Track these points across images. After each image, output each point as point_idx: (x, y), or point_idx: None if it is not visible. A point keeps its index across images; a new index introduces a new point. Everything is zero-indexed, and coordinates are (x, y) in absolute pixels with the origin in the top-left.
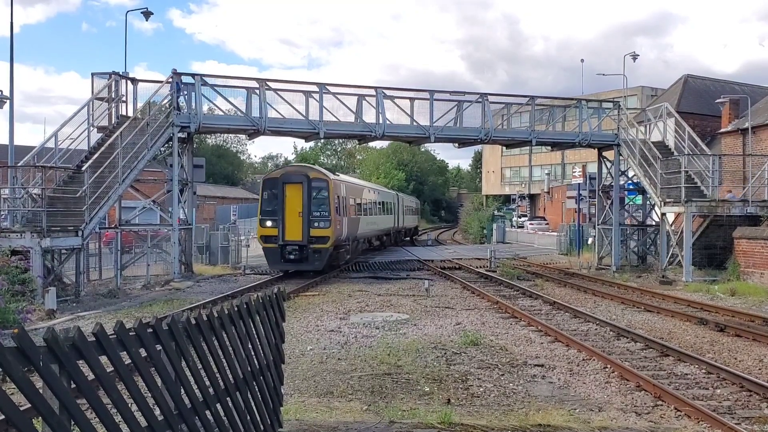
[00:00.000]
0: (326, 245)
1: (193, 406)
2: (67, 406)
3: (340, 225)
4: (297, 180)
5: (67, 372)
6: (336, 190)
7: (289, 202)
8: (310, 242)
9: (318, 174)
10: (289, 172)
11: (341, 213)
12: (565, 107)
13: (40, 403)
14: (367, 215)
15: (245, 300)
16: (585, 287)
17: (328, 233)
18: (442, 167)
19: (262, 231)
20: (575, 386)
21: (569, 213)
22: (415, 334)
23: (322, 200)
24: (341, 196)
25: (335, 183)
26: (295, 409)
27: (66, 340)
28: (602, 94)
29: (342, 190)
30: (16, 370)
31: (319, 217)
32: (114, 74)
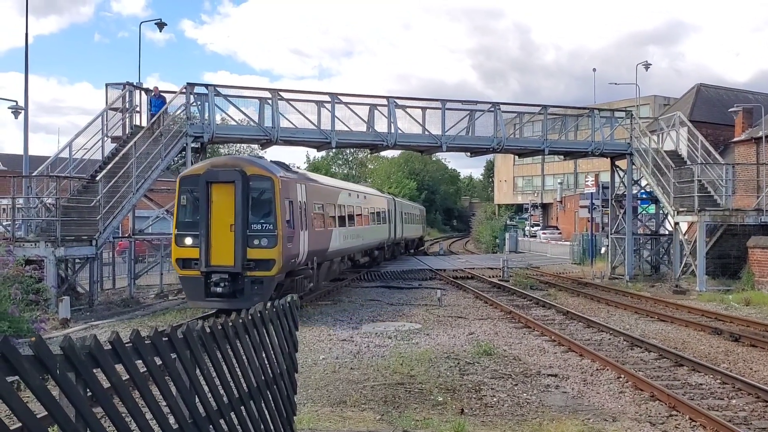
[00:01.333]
0: (270, 272)
1: (207, 414)
2: (83, 414)
3: (296, 242)
4: (227, 178)
5: (83, 380)
6: (288, 192)
7: (217, 210)
8: (245, 268)
9: (258, 169)
10: (216, 166)
11: (298, 224)
12: (577, 116)
13: (56, 411)
14: (345, 226)
15: (259, 309)
16: (598, 297)
17: (274, 255)
18: (453, 176)
19: (178, 252)
20: (589, 396)
21: (582, 222)
22: (427, 344)
23: (265, 207)
24: (299, 201)
25: (286, 183)
26: (308, 419)
27: (82, 349)
28: (614, 104)
29: (299, 192)
30: (33, 377)
31: (260, 232)
32: (128, 84)
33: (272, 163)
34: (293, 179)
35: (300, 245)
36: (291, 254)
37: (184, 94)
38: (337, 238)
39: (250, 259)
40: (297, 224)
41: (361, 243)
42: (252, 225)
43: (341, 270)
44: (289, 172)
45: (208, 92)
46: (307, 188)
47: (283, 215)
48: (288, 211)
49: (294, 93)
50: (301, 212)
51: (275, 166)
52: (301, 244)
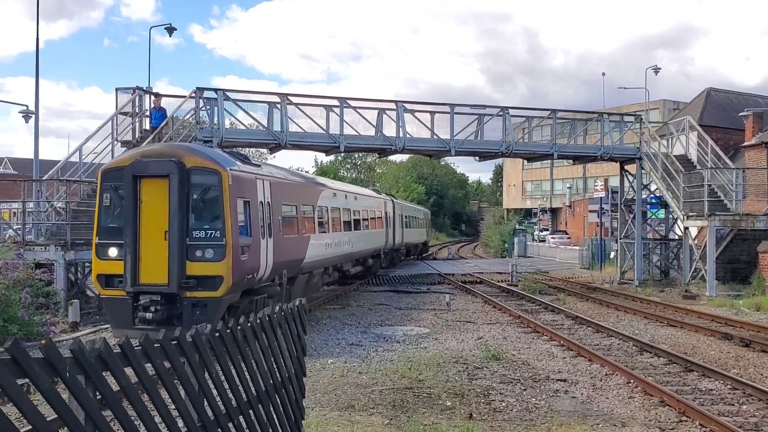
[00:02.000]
0: (216, 292)
1: (216, 418)
2: (92, 417)
3: (255, 253)
4: (160, 171)
5: (93, 383)
6: (242, 189)
7: (147, 212)
8: (184, 287)
9: (201, 160)
10: (147, 155)
11: (258, 231)
12: (586, 121)
13: (66, 414)
14: (328, 232)
15: (267, 313)
16: (607, 302)
17: (221, 270)
18: (462, 181)
19: (99, 266)
20: (598, 401)
21: (591, 227)
22: (436, 348)
23: (211, 208)
24: (259, 202)
25: (240, 178)
26: (316, 423)
27: (92, 352)
28: (624, 108)
29: (261, 190)
30: (43, 380)
31: (203, 241)
32: (137, 89)
33: (223, 153)
34: (251, 174)
35: (261, 257)
36: (247, 268)
37: (193, 99)
38: (316, 246)
39: (191, 276)
40: (256, 230)
41: (351, 251)
42: (193, 232)
43: (326, 283)
44: (247, 165)
45: (218, 97)
46: (272, 186)
47: (235, 219)
48: (243, 213)
49: (303, 97)
50: (264, 215)
51: (226, 156)
52: (263, 255)
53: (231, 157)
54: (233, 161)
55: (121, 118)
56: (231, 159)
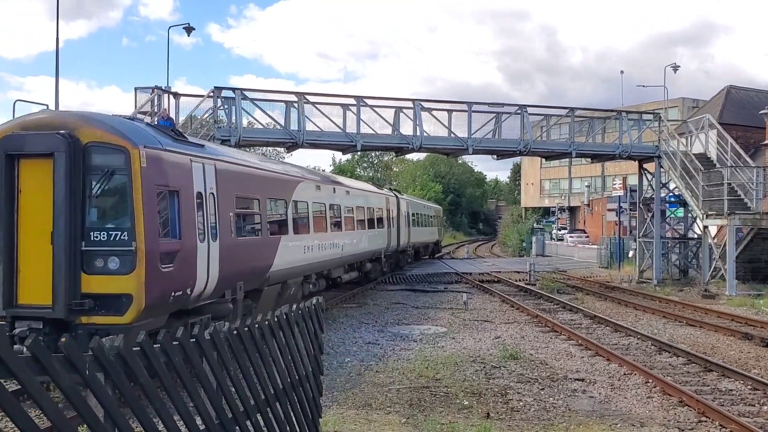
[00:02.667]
0: (123, 318)
1: (234, 416)
2: (111, 414)
3: (187, 261)
4: (43, 147)
5: (112, 381)
6: (165, 175)
7: (27, 205)
8: (76, 311)
9: (102, 133)
10: (28, 127)
11: (193, 231)
12: (604, 119)
13: (85, 411)
14: (307, 233)
15: (285, 311)
16: (626, 301)
17: (130, 286)
18: (480, 179)
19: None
20: (616, 401)
21: (609, 226)
22: (453, 348)
23: (116, 200)
24: (196, 192)
25: (160, 159)
26: (333, 421)
27: (111, 350)
28: (642, 106)
29: (199, 178)
30: (63, 378)
31: (106, 246)
32: (156, 88)
33: (141, 125)
34: (182, 155)
35: (199, 266)
36: (172, 283)
37: (211, 98)
38: (291, 250)
39: (87, 295)
40: (190, 231)
41: (341, 255)
42: (91, 233)
43: (308, 293)
44: (180, 143)
45: (235, 96)
46: (220, 173)
47: (151, 216)
48: (168, 208)
49: (320, 96)
50: (205, 212)
51: (142, 129)
52: (203, 264)
53: (154, 131)
54: (154, 137)
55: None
56: (151, 133)
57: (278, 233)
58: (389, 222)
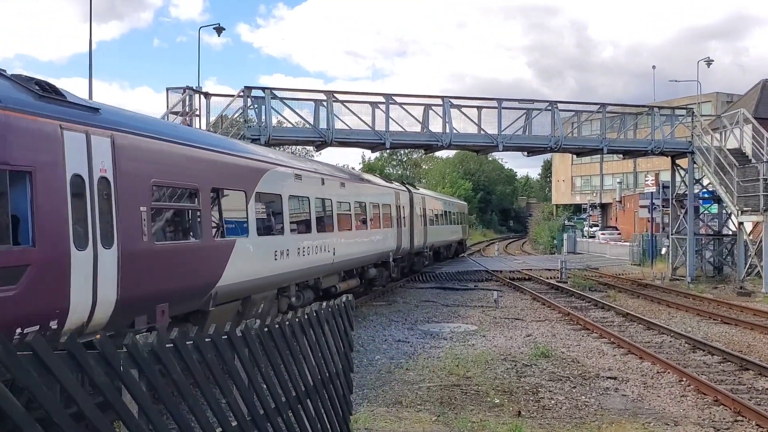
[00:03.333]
0: None
1: (265, 412)
2: (145, 410)
3: (49, 279)
4: None
5: (146, 377)
6: (10, 147)
7: None
8: None
9: None
10: None
11: (61, 235)
12: (636, 114)
13: (120, 407)
14: (280, 233)
15: (315, 309)
16: (659, 298)
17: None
18: (510, 176)
19: None
20: (649, 399)
21: (642, 222)
22: (484, 346)
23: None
24: (68, 178)
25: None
26: (364, 418)
27: (145, 346)
28: (675, 101)
29: (75, 155)
30: (98, 374)
31: None
32: (188, 89)
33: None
34: (45, 119)
35: (77, 286)
36: (20, 313)
37: (241, 98)
38: (252, 257)
39: None
40: (56, 234)
41: (332, 261)
42: None
43: (286, 309)
44: (45, 102)
45: (265, 95)
46: (118, 148)
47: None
48: (6, 198)
49: (348, 94)
50: (90, 204)
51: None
52: (84, 281)
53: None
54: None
55: (172, 118)
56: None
57: (233, 235)
58: (400, 220)
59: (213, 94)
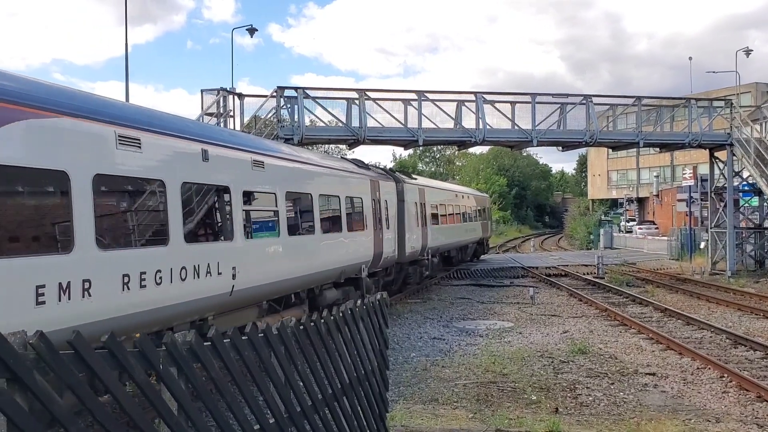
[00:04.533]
0: None
1: (302, 410)
2: (184, 407)
3: None
4: None
5: (185, 375)
6: None
7: None
8: None
9: None
10: None
11: None
12: (673, 107)
13: (160, 405)
14: (164, 243)
15: (350, 307)
16: (698, 293)
17: None
18: (545, 171)
19: None
20: (690, 396)
21: (680, 216)
22: (520, 343)
23: None
24: None
25: None
26: (400, 416)
27: (183, 344)
28: (713, 93)
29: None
30: (138, 372)
31: None
32: (222, 90)
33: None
34: None
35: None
36: None
37: (274, 98)
38: (108, 278)
39: None
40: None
41: (230, 289)
42: None
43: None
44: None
45: (298, 95)
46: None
47: None
48: None
49: (380, 92)
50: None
51: None
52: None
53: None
54: None
55: (207, 119)
56: None
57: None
58: (380, 220)
59: (246, 95)
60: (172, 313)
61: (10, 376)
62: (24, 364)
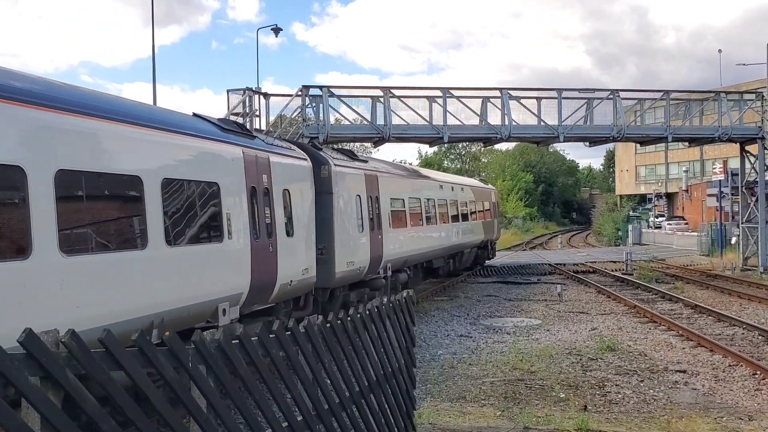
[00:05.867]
0: None
1: (330, 407)
2: (213, 404)
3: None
4: None
5: (214, 372)
6: None
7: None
8: None
9: None
10: None
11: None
12: (702, 100)
13: (189, 402)
14: None
15: (376, 304)
16: (729, 289)
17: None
18: (572, 167)
19: None
20: (721, 393)
21: (710, 212)
22: (548, 340)
23: None
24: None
25: None
26: (428, 413)
27: (212, 343)
28: (743, 85)
29: None
30: (167, 370)
31: None
32: (248, 90)
33: None
34: None
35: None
36: None
37: (299, 97)
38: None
39: None
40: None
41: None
42: None
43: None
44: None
45: (322, 94)
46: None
47: None
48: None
49: (405, 90)
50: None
51: None
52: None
53: None
54: None
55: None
56: None
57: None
58: (258, 222)
59: (272, 95)
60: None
61: (43, 374)
62: (57, 362)
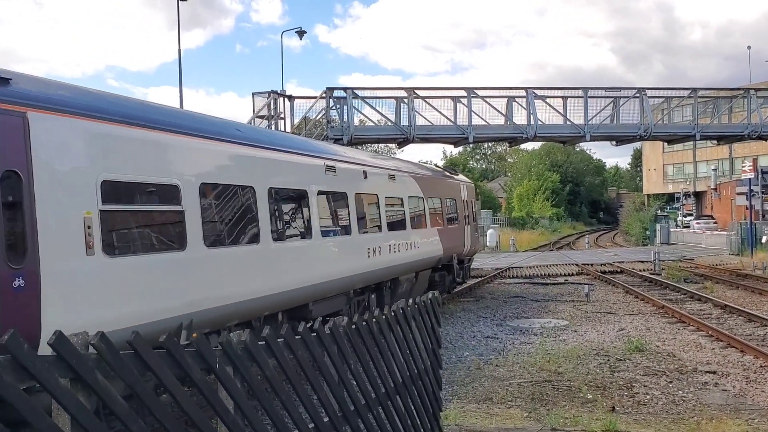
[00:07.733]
0: None
1: (356, 408)
2: (240, 406)
3: None
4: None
5: (241, 374)
6: None
7: None
8: None
9: None
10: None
11: None
12: (731, 98)
13: (216, 403)
14: None
15: (401, 306)
16: (760, 289)
17: None
18: (599, 167)
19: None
20: (752, 395)
21: (740, 210)
22: (575, 341)
23: None
24: None
25: None
26: (454, 415)
27: (239, 344)
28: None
29: None
30: (195, 371)
31: None
32: (272, 92)
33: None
34: None
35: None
36: None
37: (323, 99)
38: None
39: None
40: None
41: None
42: None
43: None
44: None
45: (346, 95)
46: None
47: None
48: None
49: (429, 90)
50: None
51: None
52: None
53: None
54: None
55: (258, 122)
56: None
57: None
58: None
59: (296, 97)
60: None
61: (73, 376)
62: (86, 364)
